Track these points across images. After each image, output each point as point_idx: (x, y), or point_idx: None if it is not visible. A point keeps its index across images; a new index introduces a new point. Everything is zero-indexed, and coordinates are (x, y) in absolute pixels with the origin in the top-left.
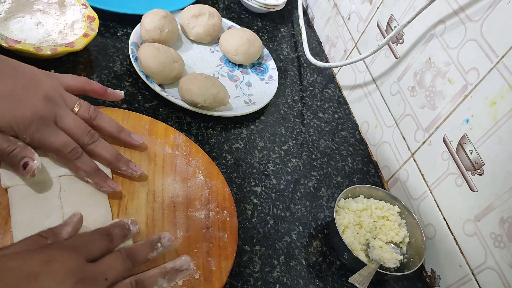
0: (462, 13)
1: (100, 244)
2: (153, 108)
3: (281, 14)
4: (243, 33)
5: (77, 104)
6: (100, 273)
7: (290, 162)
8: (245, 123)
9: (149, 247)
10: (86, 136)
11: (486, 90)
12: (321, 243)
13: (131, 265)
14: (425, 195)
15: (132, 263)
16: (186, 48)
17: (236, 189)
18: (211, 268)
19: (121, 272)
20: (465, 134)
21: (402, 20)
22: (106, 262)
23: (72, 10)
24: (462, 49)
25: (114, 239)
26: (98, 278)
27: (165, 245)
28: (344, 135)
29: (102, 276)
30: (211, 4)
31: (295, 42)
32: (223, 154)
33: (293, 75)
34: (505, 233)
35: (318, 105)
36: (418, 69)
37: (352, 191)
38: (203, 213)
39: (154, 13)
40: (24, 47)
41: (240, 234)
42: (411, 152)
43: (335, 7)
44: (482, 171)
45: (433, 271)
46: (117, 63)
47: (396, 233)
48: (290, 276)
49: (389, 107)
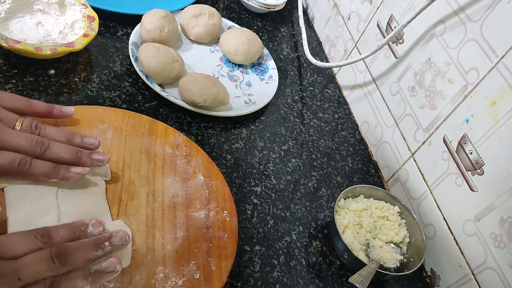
0: (462, 13)
1: (26, 244)
2: (153, 108)
3: (281, 14)
4: (243, 33)
5: (18, 122)
6: (14, 272)
7: (290, 162)
8: (245, 123)
9: (92, 246)
10: (36, 146)
11: (486, 90)
12: (321, 243)
13: (59, 266)
14: (425, 195)
15: (61, 263)
16: (186, 48)
17: (236, 189)
18: (211, 268)
19: (41, 272)
20: (465, 134)
21: (402, 20)
22: (25, 261)
23: (72, 10)
24: (462, 49)
25: (53, 240)
26: (8, 276)
27: (115, 245)
28: (344, 135)
29: (14, 275)
30: (211, 4)
31: (295, 42)
32: (223, 154)
33: (293, 75)
34: (505, 233)
35: (318, 105)
36: (418, 69)
37: (352, 191)
38: (203, 213)
39: (154, 13)
40: (24, 47)
41: (240, 234)
42: (411, 152)
43: (335, 7)
44: (482, 171)
45: (433, 271)
46: (117, 63)
47: (396, 233)
48: (290, 276)
49: (389, 107)
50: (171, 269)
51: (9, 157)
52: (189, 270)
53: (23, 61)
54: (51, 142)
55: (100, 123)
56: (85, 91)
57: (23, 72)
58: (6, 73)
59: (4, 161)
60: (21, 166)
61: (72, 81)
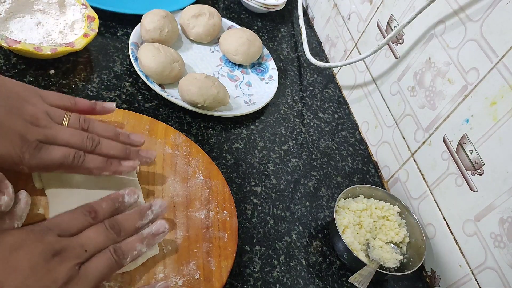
0: (462, 13)
1: (79, 221)
2: (153, 108)
3: (281, 14)
4: (243, 33)
5: (65, 117)
6: (79, 245)
7: (290, 162)
8: (245, 123)
9: (137, 215)
10: (87, 142)
11: (486, 90)
12: (321, 243)
13: (116, 236)
14: (425, 195)
15: (116, 233)
16: (186, 48)
17: (236, 189)
18: (211, 268)
19: (102, 243)
20: (465, 134)
21: (402, 20)
22: (86, 235)
23: (72, 10)
24: (462, 49)
25: (99, 214)
26: (76, 249)
27: (156, 212)
28: (344, 135)
29: (81, 248)
30: (211, 4)
31: (295, 42)
32: (223, 154)
33: (293, 75)
34: (505, 233)
35: (318, 105)
36: (418, 69)
37: (352, 191)
38: (203, 213)
39: (154, 13)
40: (24, 47)
41: (240, 234)
42: (411, 152)
43: (335, 7)
44: (482, 171)
45: (433, 271)
46: (117, 63)
47: (396, 233)
48: (290, 276)
49: (389, 107)
50: (171, 269)
51: (64, 151)
52: (189, 270)
53: (23, 61)
54: (101, 139)
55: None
56: (85, 91)
57: (23, 72)
58: (6, 73)
59: (59, 155)
60: (76, 160)
61: (72, 81)
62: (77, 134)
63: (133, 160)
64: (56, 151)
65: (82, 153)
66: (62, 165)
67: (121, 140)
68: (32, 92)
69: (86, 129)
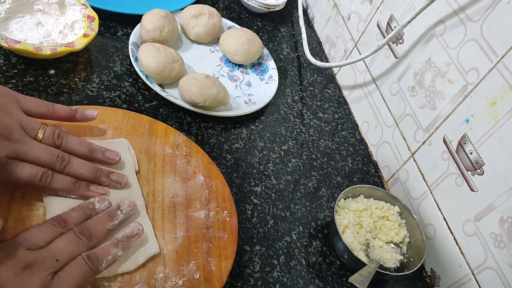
0: (462, 13)
1: (47, 232)
2: (153, 108)
3: (281, 14)
4: (243, 33)
5: (40, 130)
6: (49, 256)
7: (290, 162)
8: (245, 123)
9: (107, 218)
10: (56, 161)
11: (486, 90)
12: (321, 243)
13: (87, 241)
14: (425, 195)
15: (87, 238)
16: (186, 48)
17: (236, 189)
18: (211, 268)
19: (74, 250)
20: (465, 134)
21: (402, 20)
22: (56, 245)
23: (72, 10)
24: (462, 49)
25: (69, 223)
26: (46, 260)
27: (126, 212)
28: (344, 135)
29: (51, 258)
30: (211, 4)
31: (295, 42)
32: (223, 154)
33: (293, 75)
34: (505, 233)
35: (318, 105)
36: (418, 69)
37: (352, 191)
38: (203, 213)
39: (154, 13)
40: (24, 47)
41: (240, 234)
42: (411, 152)
43: (335, 7)
44: (482, 171)
45: (433, 271)
46: (117, 63)
47: (396, 233)
48: (290, 276)
49: (389, 107)
50: (171, 269)
51: (31, 170)
52: (189, 270)
53: (23, 61)
54: (72, 158)
55: (100, 123)
56: (85, 91)
57: (23, 72)
58: (6, 73)
59: (26, 174)
60: (43, 180)
61: (72, 81)
62: (47, 151)
63: (101, 186)
64: (24, 169)
65: (50, 173)
66: (29, 183)
67: (95, 157)
68: (10, 98)
69: (59, 145)
